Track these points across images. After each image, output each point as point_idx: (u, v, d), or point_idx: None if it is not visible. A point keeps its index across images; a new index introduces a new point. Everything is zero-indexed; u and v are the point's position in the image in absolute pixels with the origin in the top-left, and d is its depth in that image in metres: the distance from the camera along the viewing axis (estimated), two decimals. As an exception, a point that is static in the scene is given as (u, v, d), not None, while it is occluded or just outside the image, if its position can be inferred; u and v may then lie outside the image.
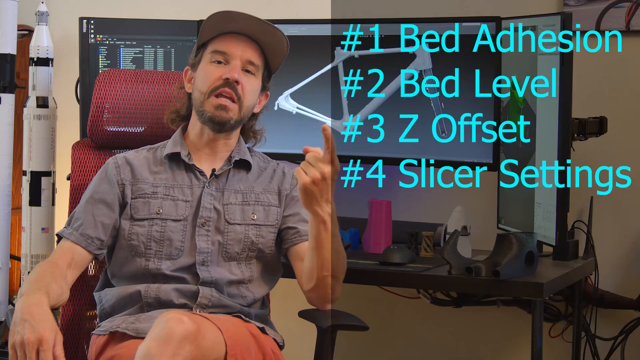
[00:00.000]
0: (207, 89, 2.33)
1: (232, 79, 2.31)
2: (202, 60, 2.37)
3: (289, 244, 2.39)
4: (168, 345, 1.97)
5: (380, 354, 3.39)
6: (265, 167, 2.45)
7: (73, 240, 2.31)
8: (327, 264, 2.24)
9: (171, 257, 2.32)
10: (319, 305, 2.35)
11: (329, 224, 2.20)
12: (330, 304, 2.34)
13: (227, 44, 2.34)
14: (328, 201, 2.17)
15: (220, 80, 2.32)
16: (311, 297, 2.33)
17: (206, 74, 2.34)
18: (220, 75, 2.32)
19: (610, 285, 3.06)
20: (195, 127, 2.40)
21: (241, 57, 2.34)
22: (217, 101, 2.32)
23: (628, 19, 3.01)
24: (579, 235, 2.96)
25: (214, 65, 2.34)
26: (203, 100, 2.34)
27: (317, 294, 2.31)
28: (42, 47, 3.28)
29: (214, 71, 2.34)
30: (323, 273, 2.26)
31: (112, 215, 2.34)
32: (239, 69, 2.33)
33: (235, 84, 2.32)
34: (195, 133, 2.40)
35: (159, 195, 2.35)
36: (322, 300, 2.33)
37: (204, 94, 2.33)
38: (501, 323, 3.22)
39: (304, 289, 2.33)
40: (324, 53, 3.12)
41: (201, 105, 2.34)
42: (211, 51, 2.35)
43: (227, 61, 2.34)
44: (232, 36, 2.35)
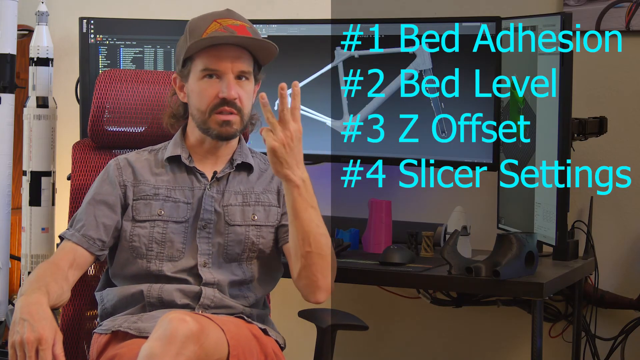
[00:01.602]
0: (206, 107, 2.29)
1: (230, 98, 2.27)
2: (192, 74, 2.32)
3: (282, 242, 2.38)
4: (171, 345, 1.97)
5: (380, 354, 3.40)
6: (266, 168, 2.44)
7: (75, 241, 2.31)
8: (307, 238, 2.20)
9: (172, 259, 2.32)
10: (310, 295, 2.26)
11: (303, 189, 2.17)
12: (322, 292, 2.25)
13: (217, 60, 2.28)
14: (299, 164, 2.15)
15: (217, 99, 2.28)
16: (301, 286, 2.27)
17: (201, 92, 2.30)
18: (217, 93, 2.28)
19: (610, 285, 3.06)
20: (194, 133, 2.38)
21: (232, 70, 2.29)
22: (220, 118, 2.29)
23: (628, 19, 3.01)
24: (579, 235, 2.96)
25: (206, 81, 2.29)
26: (205, 119, 2.30)
27: (306, 279, 2.24)
28: (42, 47, 3.28)
29: (208, 89, 2.29)
30: (305, 249, 2.20)
31: (113, 217, 2.34)
32: (234, 84, 2.29)
33: (234, 100, 2.29)
34: (196, 139, 2.38)
35: (160, 197, 2.35)
36: (312, 287, 2.25)
37: (204, 112, 2.30)
38: (501, 323, 3.22)
39: (294, 278, 2.28)
40: (324, 53, 3.12)
41: (204, 124, 2.31)
42: (201, 68, 2.29)
43: (219, 76, 2.29)
44: (219, 48, 2.29)
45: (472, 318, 3.26)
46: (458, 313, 3.22)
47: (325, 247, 2.23)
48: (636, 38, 3.02)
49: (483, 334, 3.27)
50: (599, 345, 3.04)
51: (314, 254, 2.22)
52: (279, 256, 2.43)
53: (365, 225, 2.96)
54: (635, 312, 3.01)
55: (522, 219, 2.89)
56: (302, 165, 2.18)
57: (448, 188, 3.19)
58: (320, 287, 2.25)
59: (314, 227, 2.21)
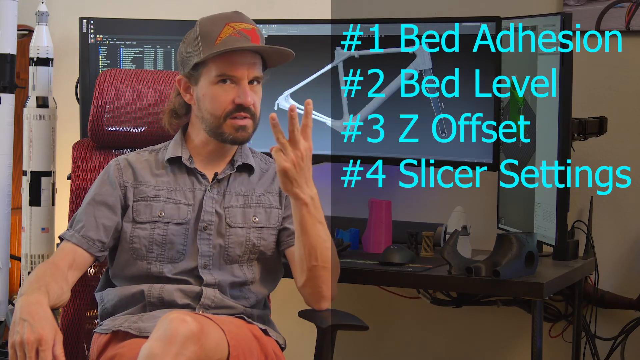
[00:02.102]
0: (221, 112, 2.29)
1: (247, 104, 2.27)
2: (204, 78, 2.30)
3: (284, 246, 2.38)
4: (171, 345, 1.97)
5: (380, 354, 3.40)
6: (267, 168, 2.44)
7: (74, 242, 2.31)
8: (314, 252, 2.22)
9: (173, 261, 2.32)
10: (314, 303, 2.31)
11: (312, 206, 2.19)
12: (326, 301, 2.30)
13: (233, 67, 2.27)
14: (308, 181, 2.16)
15: (233, 105, 2.28)
16: (306, 294, 2.31)
17: (216, 97, 2.29)
18: (232, 99, 2.28)
19: (610, 285, 3.06)
20: (199, 135, 2.37)
21: (248, 76, 2.29)
22: (236, 123, 2.29)
23: (628, 19, 3.01)
24: (579, 235, 2.96)
25: (220, 86, 2.28)
26: (220, 124, 2.30)
27: (311, 289, 2.28)
28: (42, 47, 3.28)
29: (223, 95, 2.28)
30: (312, 262, 2.23)
31: (113, 218, 2.34)
32: (249, 89, 2.28)
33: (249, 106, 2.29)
34: (200, 141, 2.38)
35: (161, 198, 2.35)
36: (317, 297, 2.29)
37: (219, 117, 2.29)
38: (501, 323, 3.22)
39: (298, 285, 2.31)
40: (324, 53, 3.12)
41: (218, 128, 2.30)
42: (216, 74, 2.28)
43: (234, 82, 2.28)
44: (235, 54, 2.28)
45: (472, 318, 3.26)
46: (458, 313, 3.22)
47: (329, 260, 2.26)
48: (636, 38, 3.01)
49: (483, 334, 3.27)
50: (599, 345, 3.04)
51: (319, 267, 2.24)
52: (279, 257, 2.43)
53: (365, 225, 2.96)
54: (635, 312, 3.01)
55: (522, 219, 2.89)
56: (311, 182, 2.19)
57: (448, 188, 3.18)
58: (325, 297, 2.30)
59: (320, 242, 2.23)
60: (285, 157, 2.14)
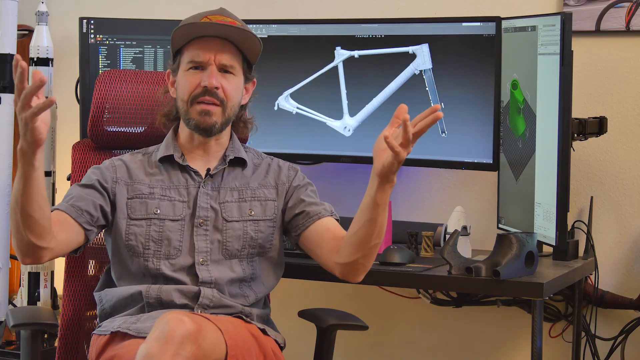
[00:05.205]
0: (187, 96, 2.34)
1: (211, 86, 2.31)
2: (180, 67, 2.37)
3: (301, 229, 2.37)
4: (169, 345, 1.97)
5: (380, 354, 3.40)
6: (260, 162, 2.46)
7: (63, 209, 2.30)
8: (380, 231, 2.21)
9: (170, 257, 2.32)
10: (356, 277, 2.29)
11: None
12: (365, 274, 2.29)
13: (200, 51, 2.33)
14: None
15: (199, 88, 2.32)
16: (349, 269, 2.28)
17: (185, 82, 2.34)
18: (199, 82, 2.32)
19: (610, 285, 3.06)
20: (184, 131, 2.41)
21: (216, 62, 2.33)
22: (200, 107, 2.33)
23: (628, 19, 3.01)
24: (579, 235, 2.96)
25: (191, 72, 2.34)
26: (187, 109, 2.34)
27: (360, 265, 2.26)
28: (42, 47, 3.28)
29: (191, 79, 2.33)
30: (375, 241, 2.22)
31: (101, 198, 2.34)
32: (216, 74, 2.32)
33: (215, 89, 2.32)
34: (186, 137, 2.41)
35: (155, 195, 2.36)
36: (361, 271, 2.28)
37: (186, 102, 2.34)
38: (501, 323, 3.22)
39: (340, 261, 2.27)
40: (324, 53, 3.12)
41: (186, 114, 2.35)
42: (187, 60, 2.35)
43: (203, 68, 2.33)
44: (204, 41, 2.34)
45: (472, 318, 3.26)
46: (458, 313, 3.22)
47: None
48: (636, 38, 3.01)
49: (483, 334, 3.27)
50: (599, 345, 3.04)
51: (377, 245, 2.24)
52: (281, 253, 2.43)
53: (365, 225, 2.95)
54: (635, 312, 3.01)
55: (522, 219, 2.89)
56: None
57: (448, 188, 3.18)
58: (367, 270, 2.29)
59: (386, 221, 2.24)
60: (404, 149, 2.12)
